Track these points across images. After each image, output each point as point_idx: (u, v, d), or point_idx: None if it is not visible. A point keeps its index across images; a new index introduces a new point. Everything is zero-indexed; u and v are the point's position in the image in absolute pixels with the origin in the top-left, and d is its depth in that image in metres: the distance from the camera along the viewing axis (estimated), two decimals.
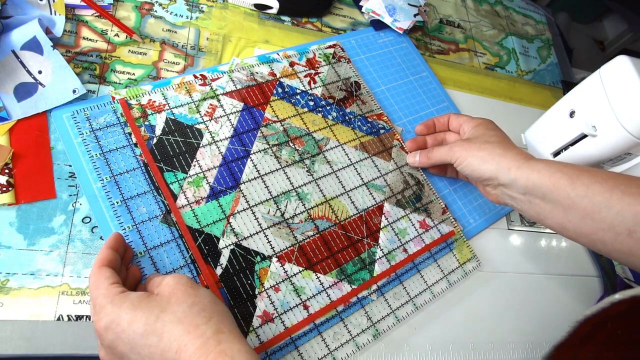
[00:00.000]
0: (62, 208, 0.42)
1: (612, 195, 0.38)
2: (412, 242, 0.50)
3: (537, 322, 0.53)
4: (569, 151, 0.51)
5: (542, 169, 0.42)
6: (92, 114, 0.45)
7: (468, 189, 0.57)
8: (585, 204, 0.39)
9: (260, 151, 0.48)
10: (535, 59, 0.78)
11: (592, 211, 0.39)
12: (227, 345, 0.31)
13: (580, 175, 0.40)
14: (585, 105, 0.48)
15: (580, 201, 0.39)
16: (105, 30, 0.51)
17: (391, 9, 0.65)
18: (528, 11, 0.84)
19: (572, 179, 0.40)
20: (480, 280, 0.53)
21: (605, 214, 0.38)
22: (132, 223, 0.41)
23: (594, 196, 0.38)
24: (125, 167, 0.43)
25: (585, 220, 0.39)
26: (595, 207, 0.38)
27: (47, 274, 0.39)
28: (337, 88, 0.56)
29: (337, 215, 0.48)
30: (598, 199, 0.38)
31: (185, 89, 0.49)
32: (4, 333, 0.36)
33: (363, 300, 0.46)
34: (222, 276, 0.42)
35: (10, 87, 0.44)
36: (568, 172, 0.41)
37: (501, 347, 0.50)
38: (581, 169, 0.41)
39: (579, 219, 0.40)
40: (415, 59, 0.64)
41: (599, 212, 0.38)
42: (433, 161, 0.51)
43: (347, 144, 0.53)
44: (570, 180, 0.40)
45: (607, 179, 0.39)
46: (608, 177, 0.39)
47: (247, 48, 0.57)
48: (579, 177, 0.40)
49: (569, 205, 0.40)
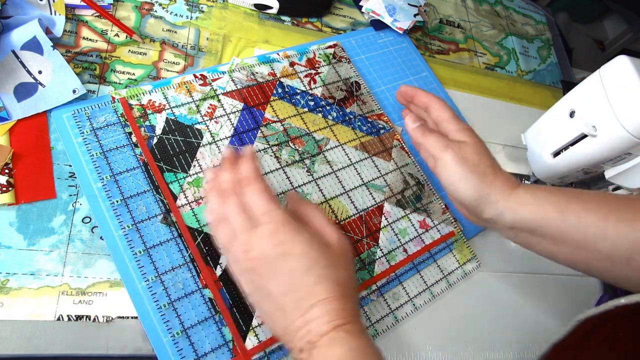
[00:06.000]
0: (62, 208, 0.42)
1: (607, 225, 0.35)
2: (412, 242, 0.50)
3: (537, 322, 0.53)
4: (569, 151, 0.51)
5: (529, 201, 0.39)
6: (93, 113, 0.45)
7: None
8: (579, 237, 0.37)
9: (260, 151, 0.48)
10: (535, 59, 0.78)
11: (585, 243, 0.37)
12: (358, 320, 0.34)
13: (570, 204, 0.37)
14: (585, 105, 0.48)
15: (572, 233, 0.37)
16: (105, 30, 0.51)
17: (391, 9, 0.65)
18: (528, 11, 0.84)
19: (562, 210, 0.37)
20: (480, 280, 0.53)
21: (600, 245, 0.36)
22: (132, 222, 0.41)
23: (587, 228, 0.36)
24: (125, 167, 0.43)
25: (579, 251, 0.37)
26: (589, 239, 0.36)
27: (47, 274, 0.39)
28: (338, 88, 0.56)
29: (337, 215, 0.48)
30: (592, 231, 0.36)
31: (186, 88, 0.49)
32: (4, 333, 0.36)
33: (362, 301, 0.46)
34: (222, 276, 0.42)
35: (10, 87, 0.44)
36: (557, 202, 0.38)
37: (501, 347, 0.50)
38: (571, 195, 0.38)
39: (571, 250, 0.38)
40: (415, 59, 0.64)
41: (594, 244, 0.36)
42: (423, 144, 0.44)
43: (347, 144, 0.53)
44: (560, 212, 0.37)
45: (600, 205, 0.37)
46: (600, 203, 0.37)
47: (247, 48, 0.57)
48: (569, 206, 0.37)
49: (560, 238, 0.38)
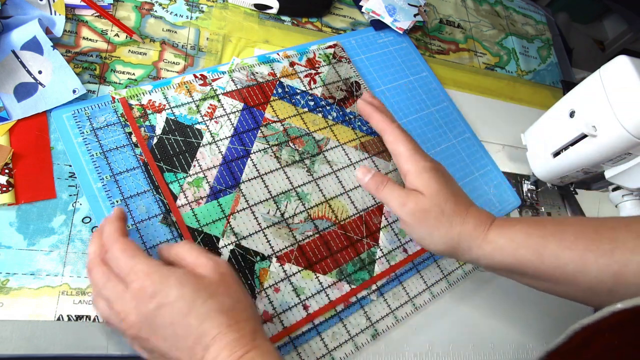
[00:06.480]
0: (62, 208, 0.42)
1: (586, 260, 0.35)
2: (412, 242, 0.50)
3: (537, 322, 0.53)
4: (569, 151, 0.51)
5: (504, 246, 0.38)
6: (93, 113, 0.45)
7: (468, 189, 0.57)
8: (558, 275, 0.36)
9: (260, 151, 0.48)
10: (535, 59, 0.78)
11: (565, 280, 0.36)
12: (261, 342, 0.32)
13: (547, 244, 0.37)
14: (585, 105, 0.48)
15: (552, 272, 0.36)
16: (105, 30, 0.51)
17: (391, 9, 0.65)
18: (528, 11, 0.84)
19: (539, 253, 0.37)
20: (480, 280, 0.53)
21: (581, 280, 0.35)
22: (132, 222, 0.42)
23: (567, 265, 0.36)
24: (125, 167, 0.44)
25: (560, 286, 0.37)
26: (569, 276, 0.36)
27: (47, 274, 0.39)
28: (338, 88, 0.56)
29: (337, 215, 0.48)
30: (571, 268, 0.35)
31: (186, 88, 0.49)
32: (4, 333, 0.36)
33: (362, 301, 0.46)
34: None
35: (10, 87, 0.44)
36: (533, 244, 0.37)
37: (501, 347, 0.50)
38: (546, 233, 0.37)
39: (552, 285, 0.38)
40: (415, 59, 0.64)
41: (575, 279, 0.36)
42: (381, 199, 0.42)
43: (347, 144, 0.53)
44: (537, 254, 0.37)
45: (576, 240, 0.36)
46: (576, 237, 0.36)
47: (247, 48, 0.57)
48: (546, 247, 0.36)
49: (540, 276, 0.37)
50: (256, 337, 0.32)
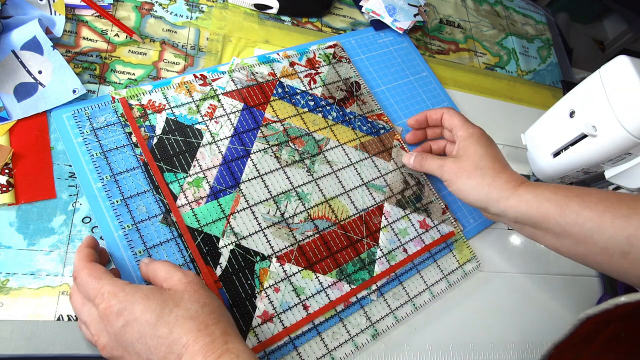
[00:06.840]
0: (62, 208, 0.42)
1: (603, 220, 0.37)
2: (412, 242, 0.50)
3: (537, 322, 0.53)
4: (569, 151, 0.51)
5: (530, 200, 0.41)
6: (93, 113, 0.45)
7: None
8: (577, 231, 0.39)
9: (260, 151, 0.48)
10: (535, 59, 0.78)
11: (584, 237, 0.39)
12: (233, 345, 0.32)
13: (570, 202, 0.39)
14: (585, 105, 0.48)
15: (571, 229, 0.39)
16: (105, 30, 0.51)
17: (391, 9, 0.65)
18: (528, 11, 0.84)
19: (562, 208, 0.40)
20: (480, 280, 0.53)
21: (597, 238, 0.38)
22: (132, 222, 0.42)
23: (585, 223, 0.38)
24: (125, 167, 0.44)
25: (579, 245, 0.40)
26: (587, 234, 0.38)
27: (47, 274, 0.39)
28: (338, 88, 0.56)
29: (337, 215, 0.48)
30: (589, 226, 0.38)
31: (186, 88, 0.49)
32: (4, 333, 0.36)
33: (362, 301, 0.46)
34: (222, 276, 0.42)
35: (10, 87, 0.44)
36: (557, 200, 0.40)
37: (501, 347, 0.50)
38: (570, 194, 0.40)
39: (571, 244, 0.40)
40: (415, 59, 0.64)
41: (592, 237, 0.38)
42: (425, 170, 0.51)
43: (347, 144, 0.53)
44: (559, 209, 0.40)
45: (598, 202, 0.38)
46: (598, 200, 0.39)
47: (247, 48, 0.57)
48: (569, 204, 0.39)
49: (560, 232, 0.40)
50: (228, 340, 0.32)
